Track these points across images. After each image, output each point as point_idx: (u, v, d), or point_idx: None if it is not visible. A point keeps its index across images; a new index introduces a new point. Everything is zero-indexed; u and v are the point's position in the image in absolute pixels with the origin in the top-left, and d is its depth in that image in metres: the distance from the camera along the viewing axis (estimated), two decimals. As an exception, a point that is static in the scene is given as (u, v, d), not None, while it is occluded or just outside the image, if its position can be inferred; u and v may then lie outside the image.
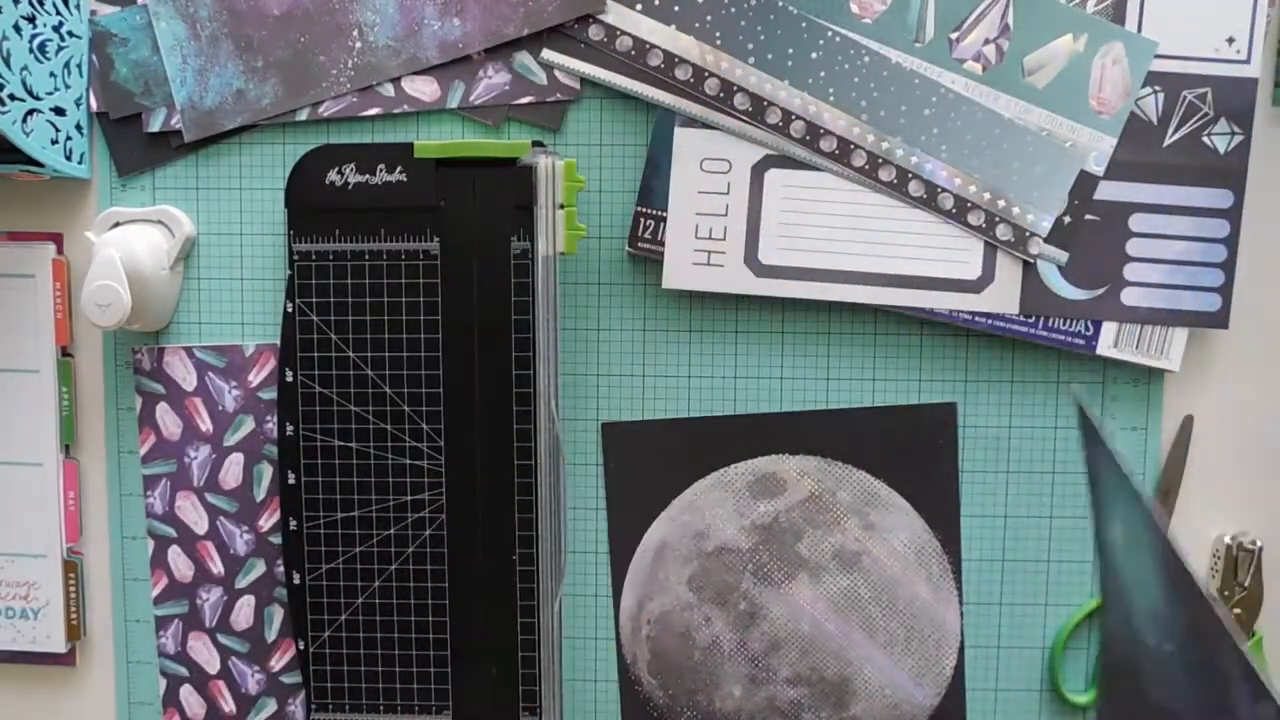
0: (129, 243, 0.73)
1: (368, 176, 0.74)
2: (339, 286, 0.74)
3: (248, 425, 0.78)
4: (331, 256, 0.74)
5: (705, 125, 0.73)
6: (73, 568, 0.79)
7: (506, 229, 0.73)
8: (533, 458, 0.74)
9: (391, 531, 0.75)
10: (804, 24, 0.72)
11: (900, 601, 0.76)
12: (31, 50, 0.71)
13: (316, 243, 0.74)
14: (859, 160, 0.73)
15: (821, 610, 0.76)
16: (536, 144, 0.74)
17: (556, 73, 0.75)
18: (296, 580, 0.76)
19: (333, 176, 0.74)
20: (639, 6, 0.73)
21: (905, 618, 0.76)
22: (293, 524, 0.76)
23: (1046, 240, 0.73)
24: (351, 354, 0.74)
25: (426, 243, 0.74)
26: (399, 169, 0.73)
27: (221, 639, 0.80)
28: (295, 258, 0.74)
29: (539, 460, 0.74)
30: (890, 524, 0.76)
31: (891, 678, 0.76)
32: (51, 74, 0.72)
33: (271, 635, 0.79)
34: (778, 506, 0.76)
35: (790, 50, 0.72)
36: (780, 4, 0.72)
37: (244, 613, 0.79)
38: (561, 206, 0.72)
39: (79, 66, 0.75)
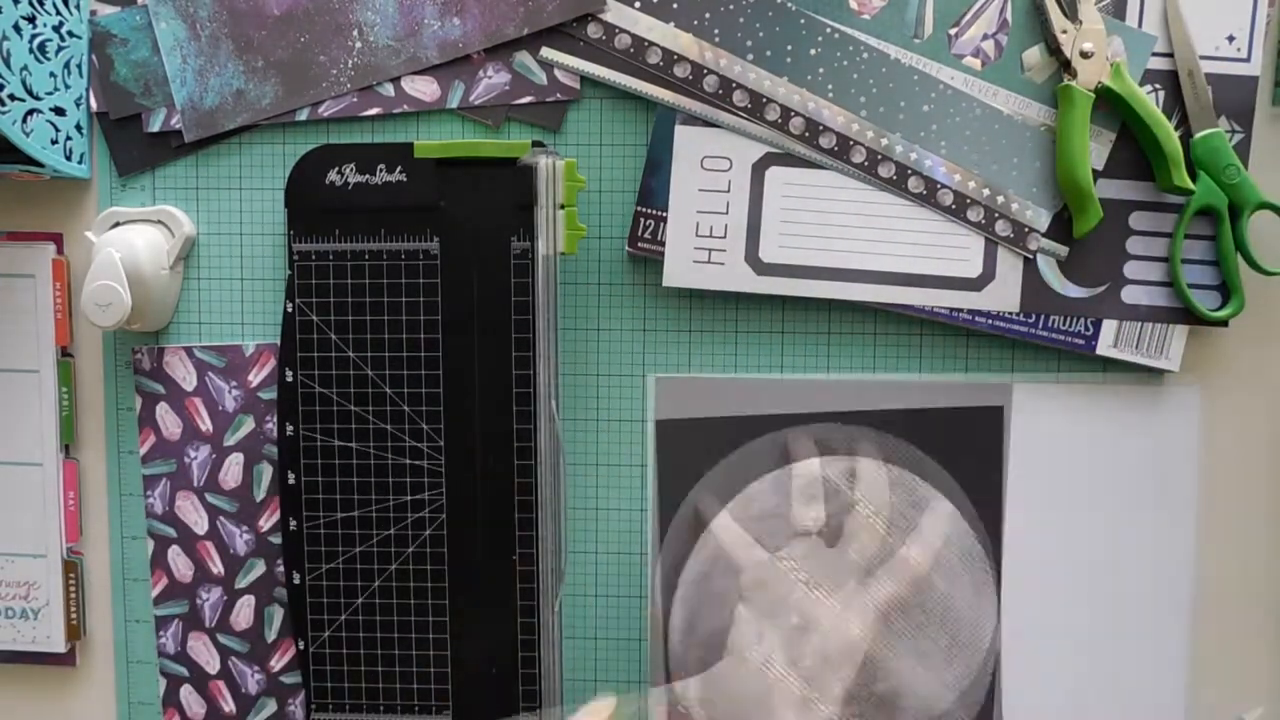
0: (129, 243, 0.73)
1: (368, 176, 0.74)
2: (339, 286, 0.74)
3: (248, 425, 0.78)
4: (331, 256, 0.74)
5: (705, 123, 0.73)
6: (73, 568, 0.79)
7: (506, 229, 0.73)
8: (533, 458, 0.74)
9: (391, 531, 0.75)
10: (802, 20, 0.72)
11: (942, 610, 0.75)
12: (31, 50, 0.71)
13: (316, 243, 0.74)
14: (858, 157, 0.73)
15: (868, 620, 0.74)
16: (536, 144, 0.74)
17: (556, 72, 0.75)
18: (296, 580, 0.76)
19: (333, 176, 0.74)
20: (637, 4, 0.73)
21: (950, 628, 0.75)
22: (293, 524, 0.75)
23: (1045, 236, 0.73)
24: (351, 354, 0.74)
25: (426, 243, 0.73)
26: (399, 169, 0.73)
27: (221, 639, 0.79)
28: (295, 258, 0.74)
29: (539, 460, 0.74)
30: (937, 528, 0.75)
31: (937, 690, 0.75)
32: (51, 74, 0.72)
33: (271, 635, 0.79)
34: (826, 510, 0.75)
35: (789, 47, 0.72)
36: (779, 1, 0.72)
37: (244, 613, 0.79)
38: (562, 206, 0.72)
39: (79, 66, 0.75)
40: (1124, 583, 0.78)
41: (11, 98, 0.69)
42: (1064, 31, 0.71)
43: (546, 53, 0.74)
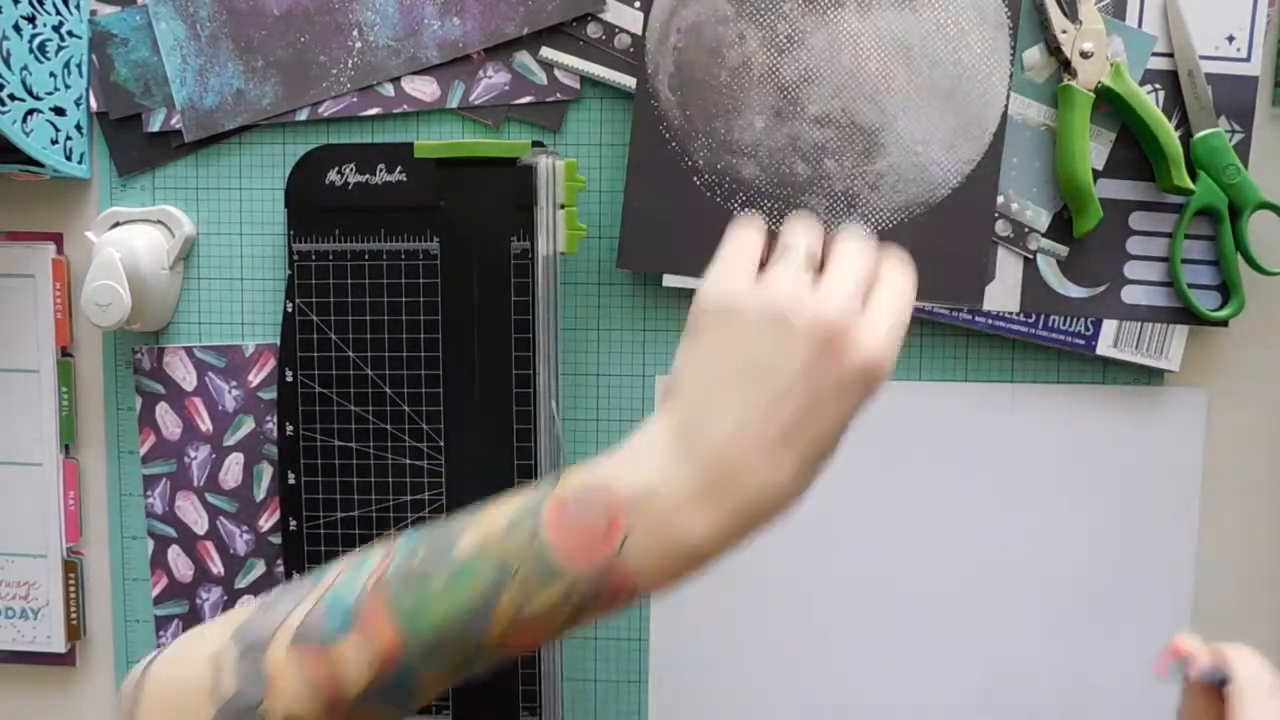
0: (129, 243, 0.73)
1: (368, 176, 0.74)
2: (339, 286, 0.74)
3: (248, 425, 0.78)
4: (331, 256, 0.74)
5: (704, 123, 0.73)
6: (73, 568, 0.79)
7: (506, 229, 0.73)
8: (533, 457, 0.74)
9: (391, 531, 0.75)
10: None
11: (949, 52, 0.69)
12: (31, 50, 0.71)
13: (316, 242, 0.74)
14: (858, 156, 0.73)
15: (866, 46, 0.69)
16: (536, 144, 0.74)
17: (556, 72, 0.75)
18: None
19: (333, 176, 0.74)
20: (637, 4, 0.73)
21: (952, 71, 0.70)
22: (293, 524, 0.75)
23: (1045, 236, 0.73)
24: (351, 354, 0.74)
25: (426, 243, 0.73)
26: (399, 169, 0.73)
27: (221, 639, 0.79)
28: (295, 257, 0.74)
29: (539, 460, 0.74)
30: None
31: (926, 135, 0.70)
32: (51, 74, 0.72)
33: (271, 635, 0.79)
34: None
35: (789, 45, 0.72)
36: (779, 1, 0.72)
37: (244, 613, 0.79)
38: (562, 206, 0.72)
39: (79, 66, 0.75)
40: (1124, 582, 0.78)
41: (11, 98, 0.69)
42: (1064, 31, 0.71)
43: (546, 53, 0.74)
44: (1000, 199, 0.73)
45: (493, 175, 0.73)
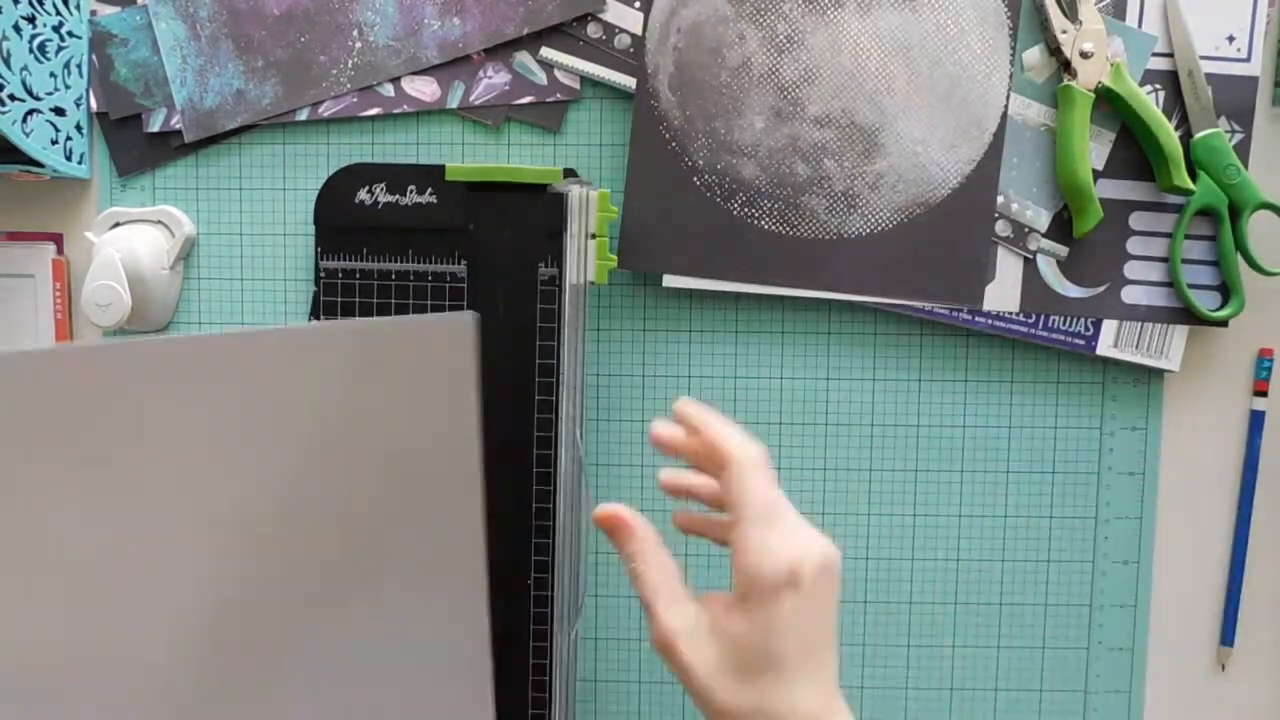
0: (129, 243, 0.73)
1: (398, 197, 0.73)
2: (365, 305, 0.74)
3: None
4: (359, 275, 0.74)
5: (704, 123, 0.73)
6: (72, 568, 0.79)
7: (535, 255, 0.72)
8: (551, 483, 0.73)
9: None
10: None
11: (949, 52, 0.69)
12: (31, 50, 0.71)
13: (344, 260, 0.74)
14: (858, 156, 0.73)
15: (866, 46, 0.70)
16: (568, 172, 0.73)
17: (557, 72, 0.75)
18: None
19: (362, 195, 0.73)
20: (637, 4, 0.73)
21: (951, 71, 0.70)
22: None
23: (1045, 236, 0.73)
24: (375, 374, 0.74)
25: (454, 265, 0.73)
26: (429, 190, 0.73)
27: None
28: (322, 275, 0.74)
29: (558, 488, 0.73)
30: None
31: (925, 135, 0.70)
32: (51, 74, 0.72)
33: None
34: None
35: (789, 46, 0.72)
36: (779, 2, 0.72)
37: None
38: (593, 236, 0.72)
39: (79, 66, 0.75)
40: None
41: (11, 98, 0.69)
42: (1064, 31, 0.71)
43: (546, 53, 0.74)
44: (1000, 199, 0.73)
45: (523, 200, 0.72)
